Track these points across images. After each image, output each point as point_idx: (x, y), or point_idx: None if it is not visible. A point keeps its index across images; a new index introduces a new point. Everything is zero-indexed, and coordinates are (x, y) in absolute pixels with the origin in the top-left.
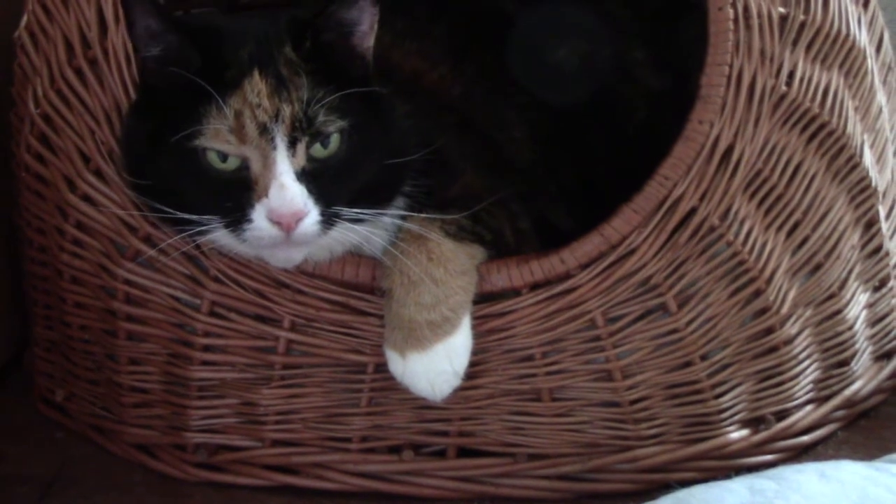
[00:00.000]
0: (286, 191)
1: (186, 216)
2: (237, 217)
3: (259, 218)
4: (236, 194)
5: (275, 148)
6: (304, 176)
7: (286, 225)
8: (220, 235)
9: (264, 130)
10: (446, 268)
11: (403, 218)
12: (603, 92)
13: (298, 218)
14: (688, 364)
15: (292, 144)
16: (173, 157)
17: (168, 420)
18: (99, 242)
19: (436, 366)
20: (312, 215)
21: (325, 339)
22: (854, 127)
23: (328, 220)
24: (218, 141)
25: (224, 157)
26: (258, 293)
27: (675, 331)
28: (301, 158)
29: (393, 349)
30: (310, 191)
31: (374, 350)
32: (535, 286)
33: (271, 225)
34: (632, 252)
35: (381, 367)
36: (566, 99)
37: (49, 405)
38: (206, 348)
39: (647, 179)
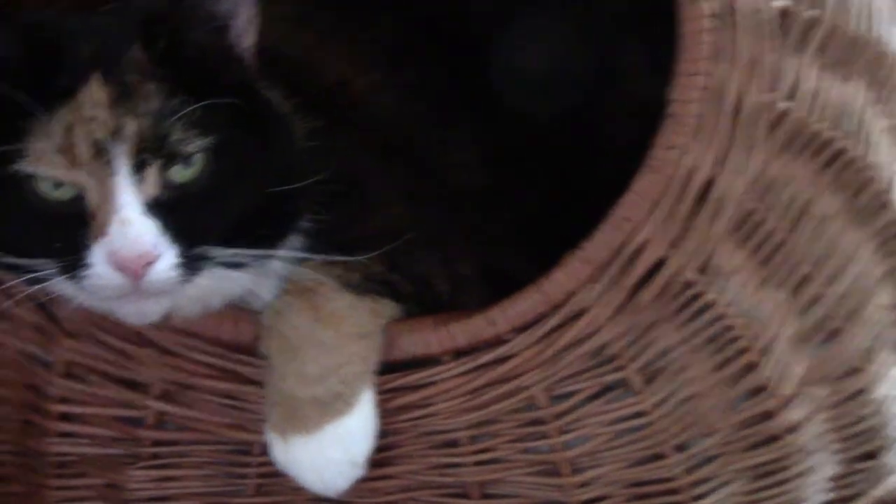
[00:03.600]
0: (129, 227)
1: (11, 261)
2: (72, 261)
3: (98, 262)
4: (71, 232)
5: (114, 173)
6: (156, 208)
7: (132, 270)
8: (57, 283)
9: (100, 151)
10: (338, 329)
11: (301, 263)
12: (582, 104)
13: (147, 261)
14: (658, 456)
15: (139, 168)
16: None
17: (25, 500)
18: None
19: (325, 453)
20: (167, 258)
21: (203, 411)
22: (881, 154)
23: (191, 265)
24: (42, 164)
25: (56, 184)
26: (121, 352)
27: (640, 413)
28: (152, 185)
29: (273, 430)
30: (165, 226)
31: (261, 427)
32: (459, 353)
33: (114, 270)
34: (580, 314)
35: None
36: (535, 113)
37: None
38: (63, 417)
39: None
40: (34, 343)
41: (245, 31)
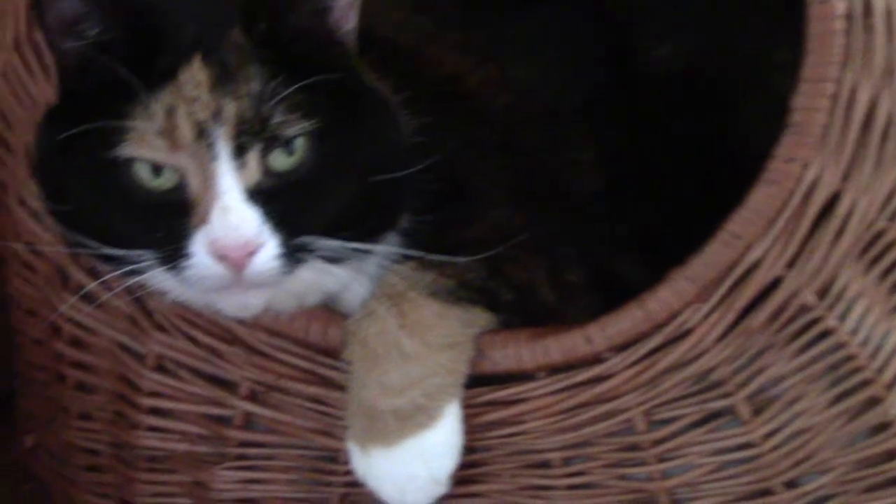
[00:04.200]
0: (232, 214)
1: (110, 251)
2: (174, 251)
3: (199, 251)
4: (172, 221)
5: (215, 157)
6: (258, 195)
7: (234, 260)
8: (157, 275)
9: (202, 133)
10: (423, 338)
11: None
12: (718, 105)
13: (250, 251)
14: (766, 492)
15: (240, 152)
16: (93, 174)
17: (119, 491)
18: (47, 267)
19: (405, 467)
20: (269, 248)
21: (290, 414)
22: None
23: (293, 255)
24: (144, 147)
25: (157, 171)
26: (209, 349)
27: (747, 445)
28: (254, 171)
29: (353, 440)
30: (267, 214)
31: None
32: (553, 370)
33: (215, 261)
34: (685, 335)
35: None
36: (661, 113)
37: (24, 450)
38: (153, 410)
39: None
40: (127, 334)
41: (346, 14)
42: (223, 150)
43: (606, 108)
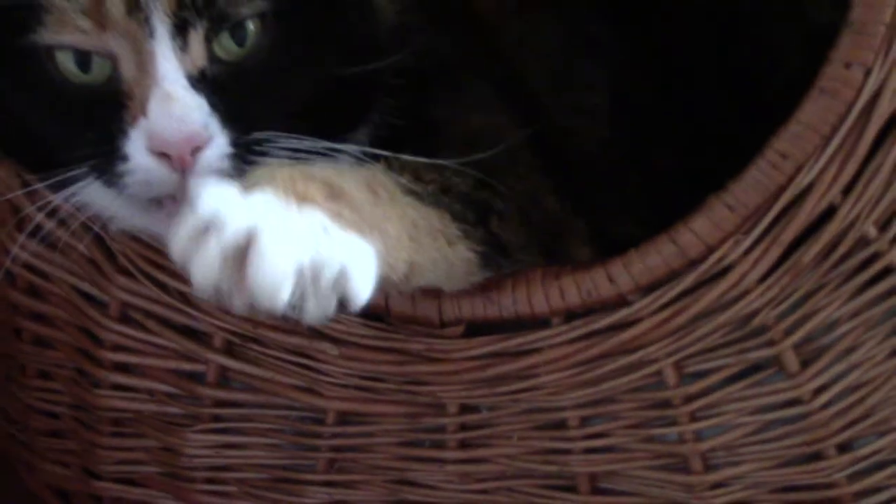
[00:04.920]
0: (173, 103)
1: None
2: (108, 155)
3: (137, 150)
4: (105, 120)
5: (152, 35)
6: (205, 84)
7: (177, 157)
8: (95, 192)
9: (135, 7)
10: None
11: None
12: (743, 35)
13: (195, 145)
14: (815, 457)
15: (181, 31)
16: (6, 70)
17: (82, 459)
18: None
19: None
20: (218, 143)
21: (270, 369)
22: None
23: (245, 155)
24: (66, 30)
25: (84, 62)
26: (180, 295)
27: (794, 402)
28: (198, 55)
29: None
30: (214, 106)
31: (335, 391)
32: (571, 315)
33: (156, 160)
34: (723, 273)
35: (347, 418)
36: (681, 44)
37: None
38: (118, 367)
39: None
40: (88, 280)
41: None
42: (161, 27)
43: (622, 38)
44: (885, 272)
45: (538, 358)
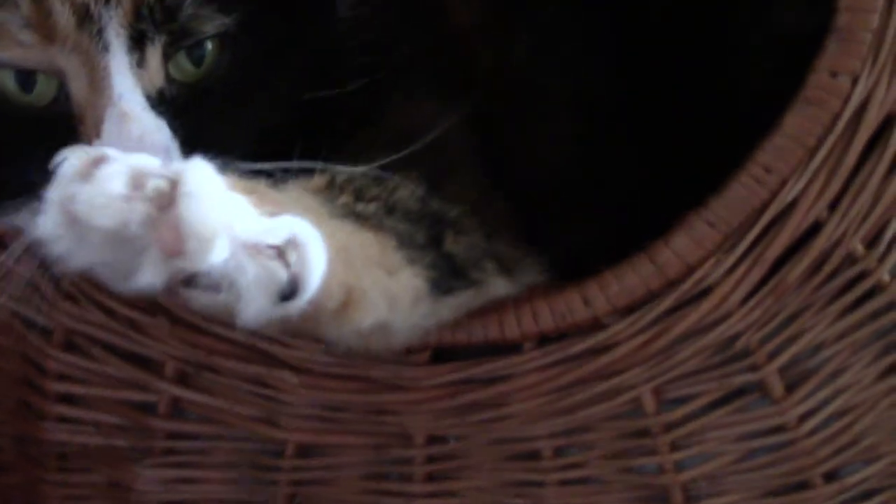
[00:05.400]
0: (132, 123)
1: None
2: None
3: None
4: (54, 144)
5: (106, 49)
6: (163, 104)
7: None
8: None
9: (87, 19)
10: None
11: None
12: (706, 44)
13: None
14: (802, 486)
15: (138, 46)
16: None
17: (26, 495)
18: None
19: None
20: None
21: (225, 399)
22: None
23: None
24: (6, 45)
25: (26, 80)
26: (128, 321)
27: (779, 428)
28: (156, 73)
29: None
30: (173, 129)
31: (295, 422)
32: (543, 340)
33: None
34: (705, 293)
35: (308, 451)
36: (641, 58)
37: None
38: (63, 398)
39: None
40: (30, 305)
41: None
42: (116, 40)
43: (587, 48)
44: (873, 291)
45: (509, 385)
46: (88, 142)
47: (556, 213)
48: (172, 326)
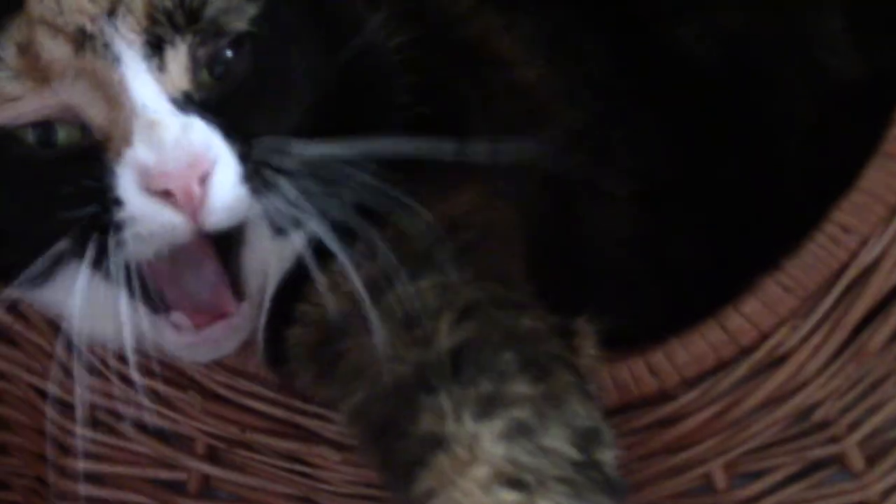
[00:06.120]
0: (161, 128)
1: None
2: (95, 222)
3: (131, 192)
4: (83, 176)
5: (117, 60)
6: (191, 103)
7: (183, 191)
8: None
9: (85, 41)
10: None
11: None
12: (753, 94)
13: (202, 171)
14: None
15: (156, 50)
16: None
17: None
18: None
19: None
20: (226, 162)
21: (260, 477)
22: None
23: (258, 170)
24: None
25: (44, 132)
26: (155, 395)
27: None
28: (180, 76)
29: None
30: (208, 121)
31: (336, 501)
32: (606, 412)
33: (156, 201)
34: (780, 361)
35: None
36: (691, 105)
37: None
38: (86, 476)
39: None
40: (49, 378)
41: None
42: (129, 49)
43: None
44: None
45: None
46: (119, 153)
47: (614, 278)
48: (205, 401)
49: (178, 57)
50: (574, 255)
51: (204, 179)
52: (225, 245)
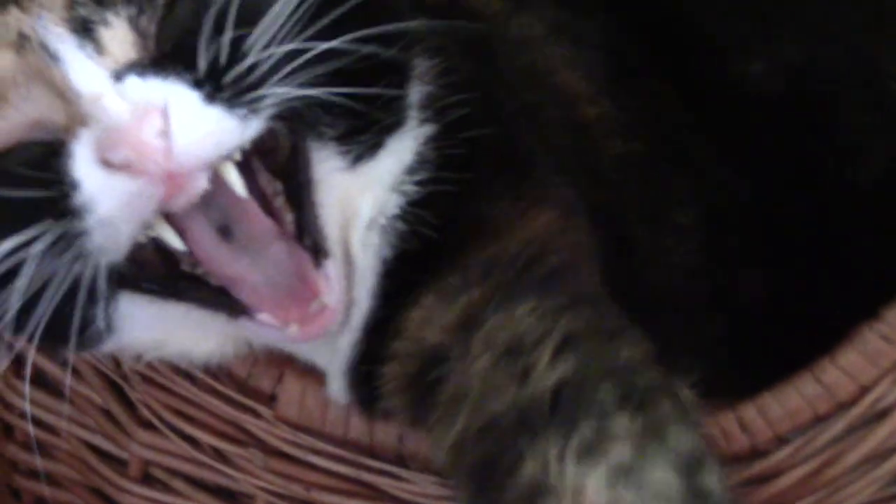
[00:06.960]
0: (103, 101)
1: None
2: (58, 207)
3: (86, 169)
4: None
5: (55, 56)
6: (134, 68)
7: (137, 148)
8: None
9: (23, 40)
10: None
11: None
12: (823, 128)
13: (155, 123)
14: None
15: (87, 34)
16: None
17: None
18: None
19: None
20: (185, 98)
21: None
22: None
23: (234, 98)
24: None
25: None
26: (214, 451)
27: None
28: (125, 52)
29: None
30: (154, 72)
31: None
32: None
33: (114, 174)
34: (881, 416)
35: None
36: (755, 146)
37: None
38: None
39: None
40: (102, 433)
41: None
42: (57, 40)
43: (705, 154)
44: None
45: None
46: (73, 133)
47: (675, 309)
48: (267, 458)
49: (117, 34)
50: (630, 285)
51: (163, 130)
52: (294, 189)
